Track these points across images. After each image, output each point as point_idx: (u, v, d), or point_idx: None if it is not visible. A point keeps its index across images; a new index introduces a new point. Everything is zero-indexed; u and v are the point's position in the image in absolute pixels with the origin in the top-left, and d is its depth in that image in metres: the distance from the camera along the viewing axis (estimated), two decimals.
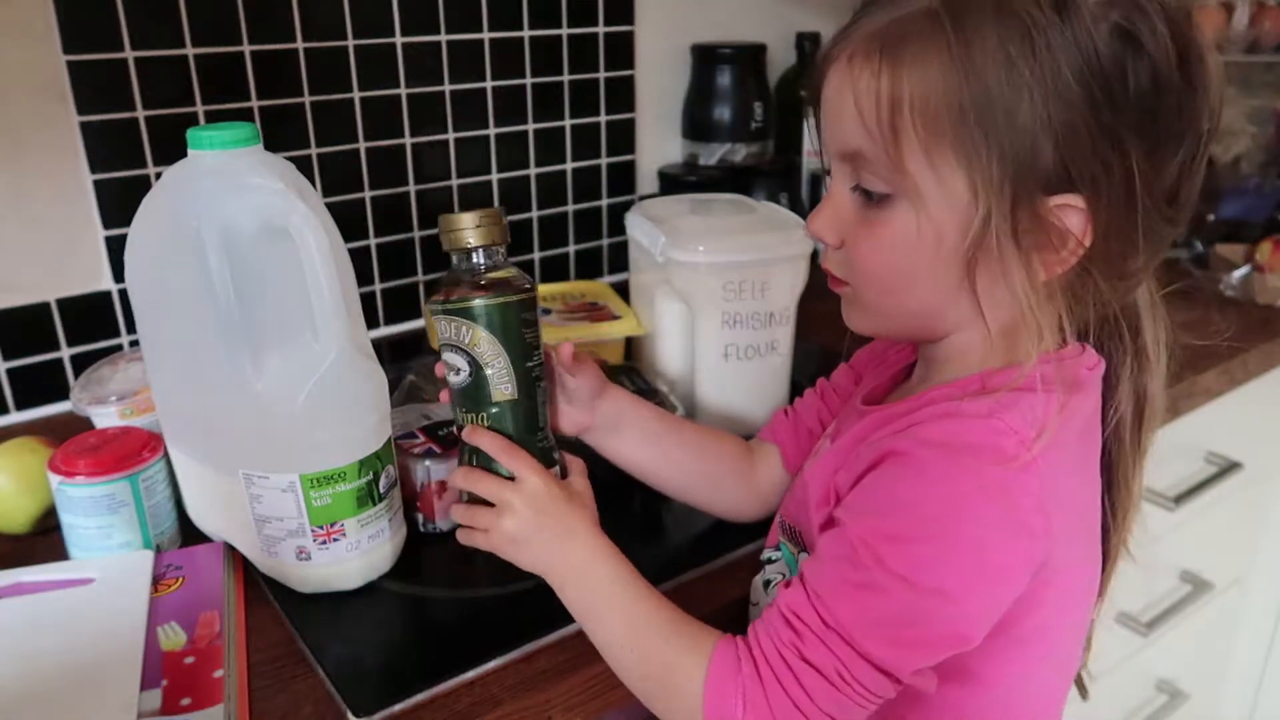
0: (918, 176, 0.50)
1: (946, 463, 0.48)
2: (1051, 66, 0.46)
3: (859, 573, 0.48)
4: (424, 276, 1.14)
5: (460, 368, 0.61)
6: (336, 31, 0.99)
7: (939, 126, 0.48)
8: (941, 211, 0.50)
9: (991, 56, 0.47)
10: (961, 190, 0.49)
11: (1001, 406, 0.49)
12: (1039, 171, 0.48)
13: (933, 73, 0.48)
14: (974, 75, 0.47)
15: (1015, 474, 0.48)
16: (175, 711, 0.55)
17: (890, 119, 0.49)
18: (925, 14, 0.49)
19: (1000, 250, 0.49)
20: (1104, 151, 0.48)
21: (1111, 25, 0.47)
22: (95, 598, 0.64)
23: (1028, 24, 0.46)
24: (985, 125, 0.47)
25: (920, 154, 0.49)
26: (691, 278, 0.84)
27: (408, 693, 0.58)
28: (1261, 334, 1.08)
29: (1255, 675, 1.46)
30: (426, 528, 0.74)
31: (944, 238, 0.50)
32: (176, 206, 0.60)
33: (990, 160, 0.48)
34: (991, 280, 0.51)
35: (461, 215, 0.59)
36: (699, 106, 1.27)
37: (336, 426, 0.62)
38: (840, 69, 0.52)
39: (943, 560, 0.48)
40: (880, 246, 0.53)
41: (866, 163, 0.51)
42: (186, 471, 0.70)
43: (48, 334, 0.93)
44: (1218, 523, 1.21)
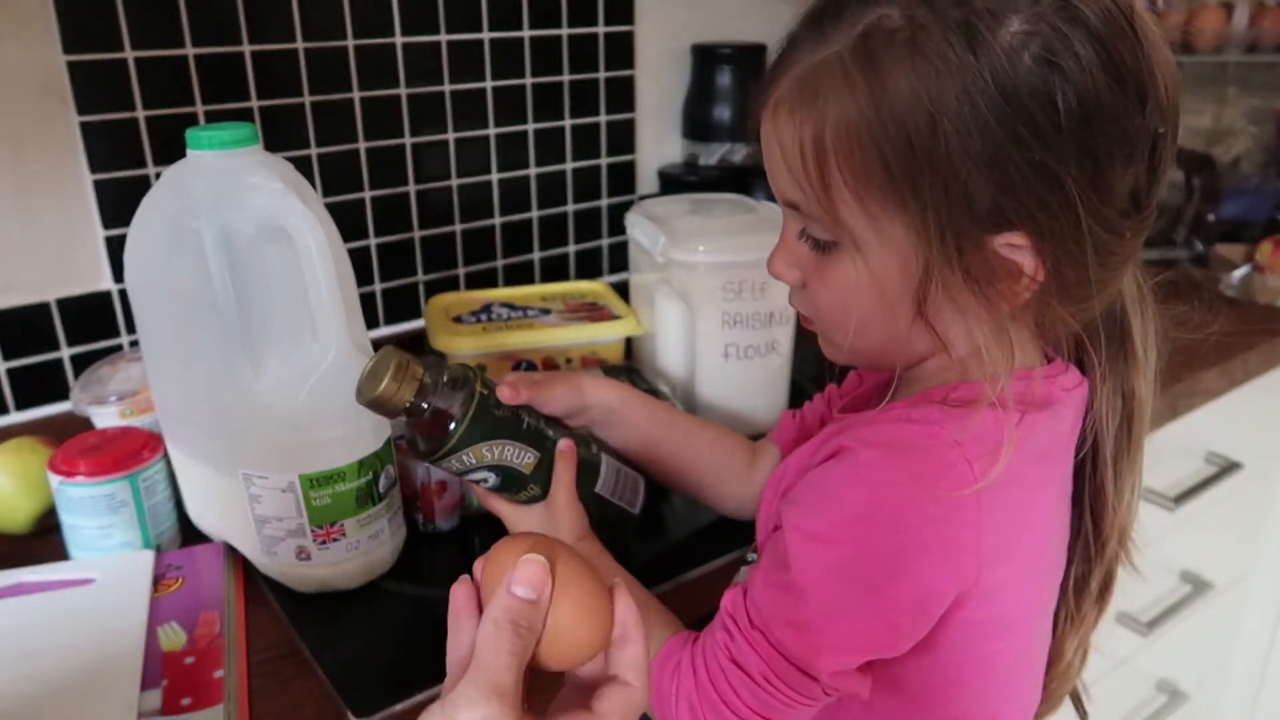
0: (854, 225, 0.48)
1: (882, 465, 0.48)
2: (970, 107, 0.44)
3: (780, 572, 0.49)
4: (424, 276, 1.14)
5: (486, 478, 0.63)
6: (336, 31, 0.99)
7: (867, 176, 0.47)
8: (883, 259, 0.49)
9: (907, 102, 0.45)
10: (900, 236, 0.48)
11: (949, 417, 0.49)
12: (976, 213, 0.46)
13: (852, 122, 0.46)
14: (892, 123, 0.45)
15: (951, 485, 0.47)
16: (175, 711, 0.55)
17: (818, 171, 0.48)
18: (839, 60, 0.47)
19: (950, 291, 0.48)
20: (1038, 189, 0.45)
21: (1032, 56, 0.44)
22: (95, 598, 0.64)
23: (940, 66, 0.44)
24: (911, 173, 0.46)
25: (854, 203, 0.48)
26: (691, 278, 0.84)
27: (408, 693, 0.58)
28: (1261, 334, 1.08)
29: (1255, 675, 1.46)
30: (426, 528, 0.74)
31: (889, 283, 0.49)
32: (176, 206, 0.60)
33: (923, 208, 0.46)
34: (949, 316, 0.50)
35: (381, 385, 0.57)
36: (699, 106, 1.27)
37: (336, 426, 0.62)
38: (768, 118, 0.51)
39: (858, 567, 0.47)
40: (832, 291, 0.52)
41: (805, 213, 0.51)
42: (186, 471, 0.70)
43: (48, 334, 0.93)
44: (1218, 523, 1.21)
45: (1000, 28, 0.44)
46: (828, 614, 0.48)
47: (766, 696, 0.49)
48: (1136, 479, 0.59)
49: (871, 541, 0.47)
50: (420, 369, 0.59)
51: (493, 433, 0.62)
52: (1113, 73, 0.45)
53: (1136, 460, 0.58)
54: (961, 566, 0.48)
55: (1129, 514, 0.59)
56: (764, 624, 0.49)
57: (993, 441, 0.48)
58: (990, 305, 0.48)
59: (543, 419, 0.66)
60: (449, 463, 0.62)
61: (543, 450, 0.64)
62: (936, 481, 0.47)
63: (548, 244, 1.23)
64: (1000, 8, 0.44)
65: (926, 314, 0.49)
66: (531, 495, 0.65)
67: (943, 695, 0.53)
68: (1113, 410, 0.55)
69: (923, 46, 0.44)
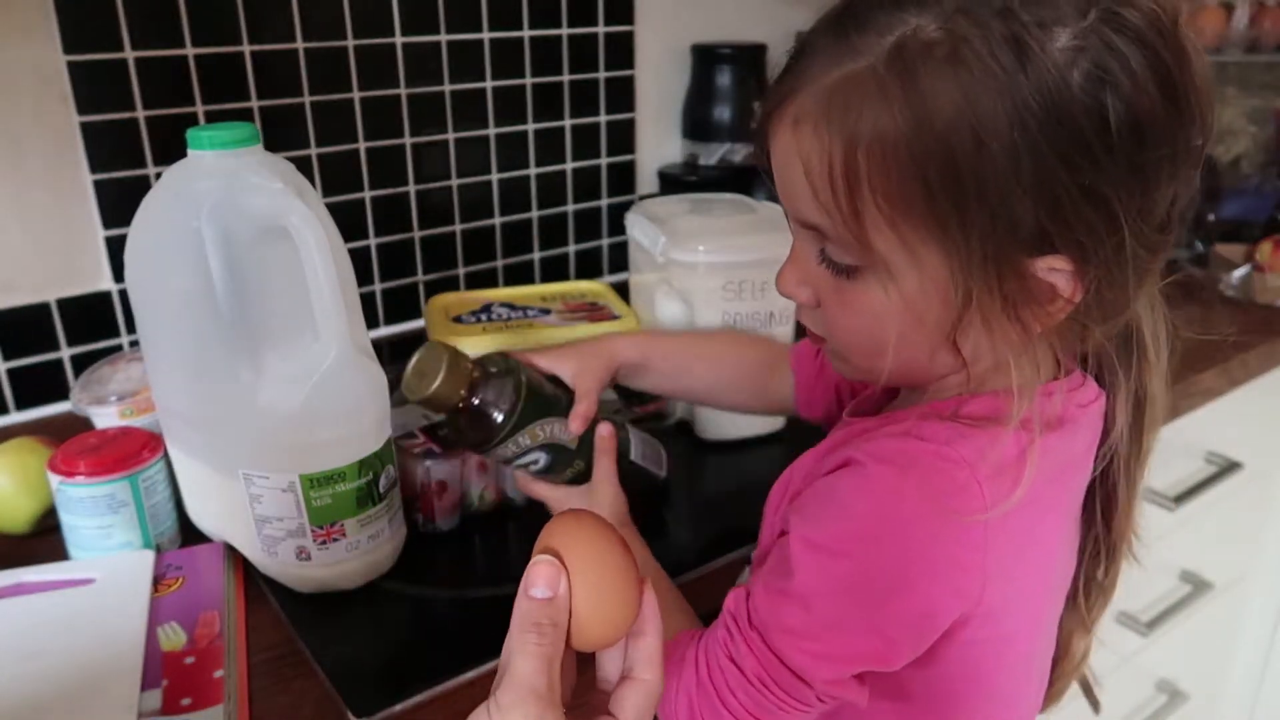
0: (887, 253, 0.45)
1: (890, 481, 0.47)
2: (1020, 128, 0.41)
3: (782, 579, 0.49)
4: (424, 277, 1.14)
5: (537, 459, 0.66)
6: (336, 31, 0.99)
7: (905, 201, 0.43)
8: (918, 287, 0.46)
9: (951, 120, 0.42)
10: (938, 264, 0.45)
11: (960, 435, 0.47)
12: (1019, 237, 0.44)
13: (890, 142, 0.43)
14: (935, 143, 0.42)
15: (959, 506, 0.46)
16: (175, 711, 0.55)
17: (849, 196, 0.44)
18: (872, 74, 0.43)
19: (986, 315, 0.46)
20: (1088, 215, 0.43)
21: (1083, 72, 0.41)
22: (95, 598, 0.64)
23: (987, 81, 0.41)
24: (955, 197, 0.43)
25: (887, 229, 0.45)
26: (691, 278, 0.84)
27: (408, 693, 0.58)
28: (1262, 334, 1.08)
29: (1255, 675, 1.46)
30: (426, 528, 0.74)
31: (924, 312, 0.47)
32: (176, 206, 0.60)
33: (966, 234, 0.43)
34: (978, 337, 0.48)
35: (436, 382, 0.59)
36: (699, 106, 1.27)
37: (336, 426, 0.62)
38: (785, 133, 0.47)
39: (860, 581, 0.47)
40: (854, 316, 0.49)
41: (828, 237, 0.47)
42: (186, 471, 0.70)
43: (48, 334, 0.93)
44: (1218, 523, 1.21)
45: (1049, 41, 0.41)
46: (826, 625, 0.48)
47: (760, 698, 0.49)
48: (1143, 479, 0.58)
49: (875, 557, 0.47)
50: (470, 362, 0.62)
51: (543, 411, 0.65)
52: (1165, 87, 0.42)
53: (1145, 462, 0.57)
54: (964, 588, 0.47)
55: (1137, 514, 0.59)
56: (762, 627, 0.49)
57: (1004, 462, 0.46)
58: (1023, 327, 0.46)
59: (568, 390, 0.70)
60: (504, 449, 0.64)
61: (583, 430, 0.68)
62: (945, 501, 0.46)
63: (548, 244, 1.23)
64: (1048, 19, 0.41)
65: (956, 339, 0.47)
66: (576, 471, 0.68)
67: (940, 706, 0.53)
68: (1126, 416, 0.54)
69: (967, 60, 0.41)
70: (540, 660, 0.39)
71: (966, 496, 0.46)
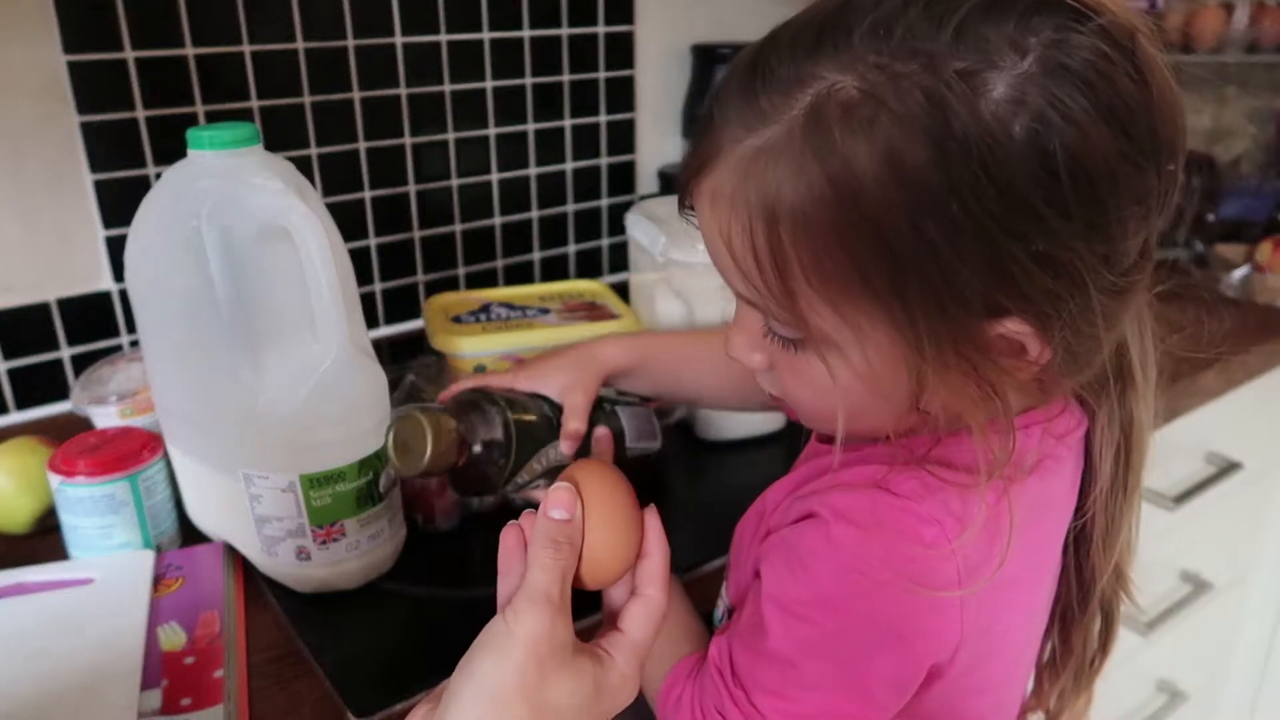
0: (830, 330, 0.42)
1: (853, 545, 0.44)
2: (958, 201, 0.37)
3: (757, 637, 0.48)
4: (424, 276, 1.14)
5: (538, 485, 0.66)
6: (336, 31, 0.99)
7: (839, 279, 0.40)
8: (867, 362, 0.43)
9: (876, 193, 0.37)
10: (887, 341, 0.41)
11: (929, 490, 0.44)
12: (970, 308, 0.40)
13: (812, 220, 0.39)
14: (861, 219, 0.38)
15: (928, 568, 0.43)
16: (175, 711, 0.55)
17: (778, 276, 0.41)
18: (787, 143, 0.39)
19: (948, 382, 0.42)
20: (1044, 283, 0.39)
21: (1024, 129, 0.36)
22: (95, 598, 0.64)
23: (915, 151, 0.36)
24: (890, 275, 0.39)
25: (826, 309, 0.41)
26: (691, 278, 0.84)
27: (408, 693, 0.58)
28: (1262, 334, 1.08)
29: (1255, 675, 1.46)
30: (426, 528, 0.74)
31: (877, 386, 0.44)
32: (176, 206, 0.60)
33: (909, 311, 0.39)
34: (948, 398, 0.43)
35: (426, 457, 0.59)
36: (699, 106, 1.27)
37: (336, 426, 0.62)
38: (705, 209, 0.43)
39: (831, 646, 0.46)
40: (806, 386, 0.46)
41: (766, 314, 0.44)
42: (186, 471, 0.70)
43: (48, 334, 0.93)
44: (1218, 523, 1.21)
45: (982, 95, 0.36)
46: (803, 686, 0.47)
47: None
48: (1135, 515, 0.54)
49: (844, 624, 0.45)
50: (451, 423, 0.61)
51: (537, 444, 0.65)
52: (1119, 127, 0.37)
53: (1135, 494, 0.53)
54: (940, 649, 0.46)
55: (1127, 552, 0.55)
56: (745, 684, 0.48)
57: (979, 517, 0.43)
58: (990, 388, 0.42)
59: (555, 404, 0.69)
60: (507, 488, 0.65)
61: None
62: (912, 568, 0.43)
63: (548, 244, 1.23)
64: (980, 68, 0.36)
65: (917, 403, 0.43)
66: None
67: None
68: (1109, 443, 0.50)
69: (887, 127, 0.37)
70: (556, 573, 0.42)
71: (934, 558, 0.43)
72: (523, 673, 0.40)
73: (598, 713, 0.43)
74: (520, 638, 0.41)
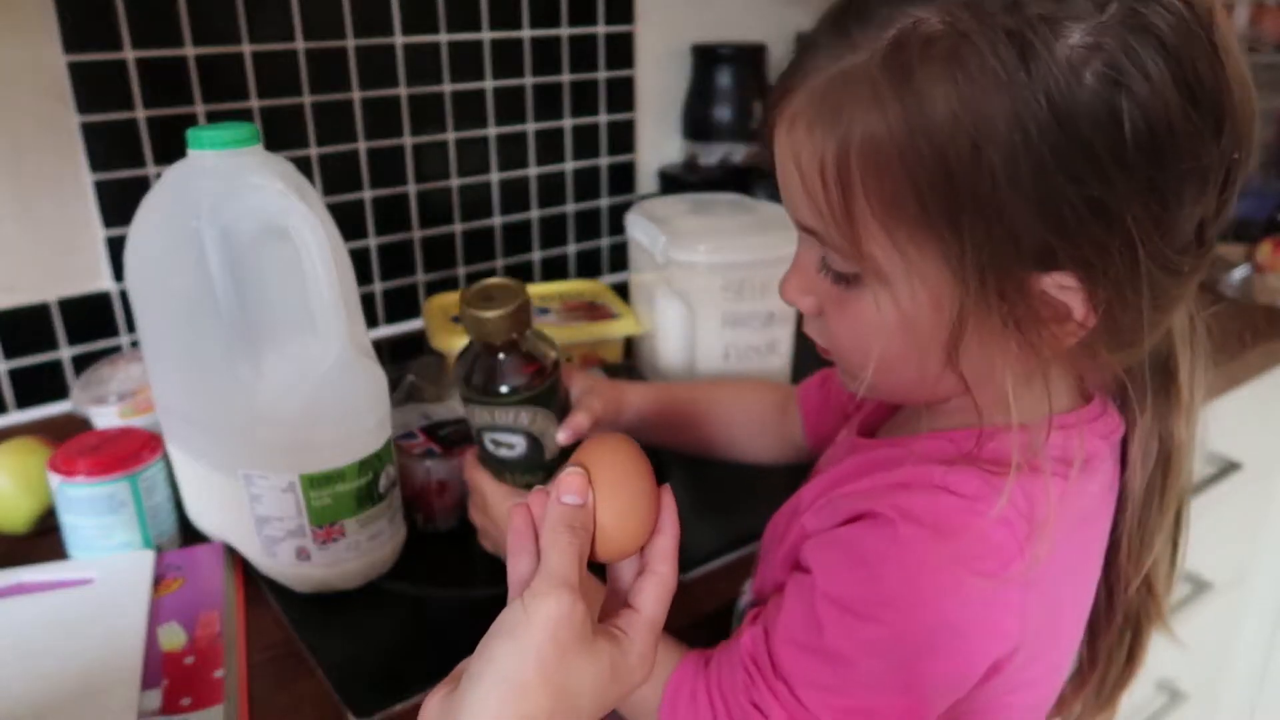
0: (880, 259, 0.43)
1: (921, 545, 0.45)
2: (1021, 134, 0.38)
3: (810, 634, 0.47)
4: (424, 276, 1.14)
5: (514, 444, 0.65)
6: (336, 31, 0.99)
7: (897, 205, 0.41)
8: (913, 298, 0.44)
9: (947, 125, 0.39)
10: (933, 273, 0.43)
11: (993, 490, 0.44)
12: (1023, 250, 0.41)
13: (882, 145, 0.40)
14: (928, 148, 0.39)
15: (996, 568, 0.44)
16: (175, 711, 0.55)
17: (841, 198, 0.42)
18: (866, 75, 0.41)
19: (987, 335, 0.43)
20: (1094, 230, 0.40)
21: (1095, 75, 0.38)
22: (95, 598, 0.64)
23: (987, 83, 0.38)
24: (950, 205, 0.40)
25: (883, 236, 0.42)
26: (691, 278, 0.84)
27: (408, 693, 0.58)
28: (1262, 334, 1.08)
29: (1255, 675, 1.46)
30: (426, 528, 0.74)
31: (919, 325, 0.44)
32: (176, 206, 0.60)
33: (962, 243, 0.41)
34: (981, 359, 0.45)
35: (488, 315, 0.60)
36: (699, 106, 1.27)
37: (336, 426, 0.62)
38: (782, 134, 0.45)
39: (894, 646, 0.45)
40: (853, 327, 0.47)
41: (824, 241, 0.45)
42: (186, 471, 0.70)
43: (48, 334, 0.93)
44: (1218, 523, 1.21)
45: (1058, 40, 0.38)
46: (858, 683, 0.46)
47: None
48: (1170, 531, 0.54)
49: (909, 624, 0.45)
50: (529, 319, 0.62)
51: (551, 404, 0.65)
52: (1187, 94, 0.39)
53: (1169, 509, 0.52)
54: (1001, 647, 0.46)
55: (1160, 571, 0.55)
56: (789, 679, 0.47)
57: (1039, 512, 0.44)
58: (1030, 350, 0.43)
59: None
60: (500, 413, 0.63)
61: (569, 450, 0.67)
62: (980, 566, 0.44)
63: (548, 244, 1.23)
64: (1059, 15, 0.38)
65: (955, 358, 0.44)
66: (528, 483, 0.66)
67: None
68: (1147, 454, 0.50)
69: (966, 59, 0.38)
70: (572, 556, 0.42)
71: (1003, 557, 0.44)
72: (542, 659, 0.40)
73: (616, 693, 0.43)
74: (539, 623, 0.41)
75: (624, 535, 0.45)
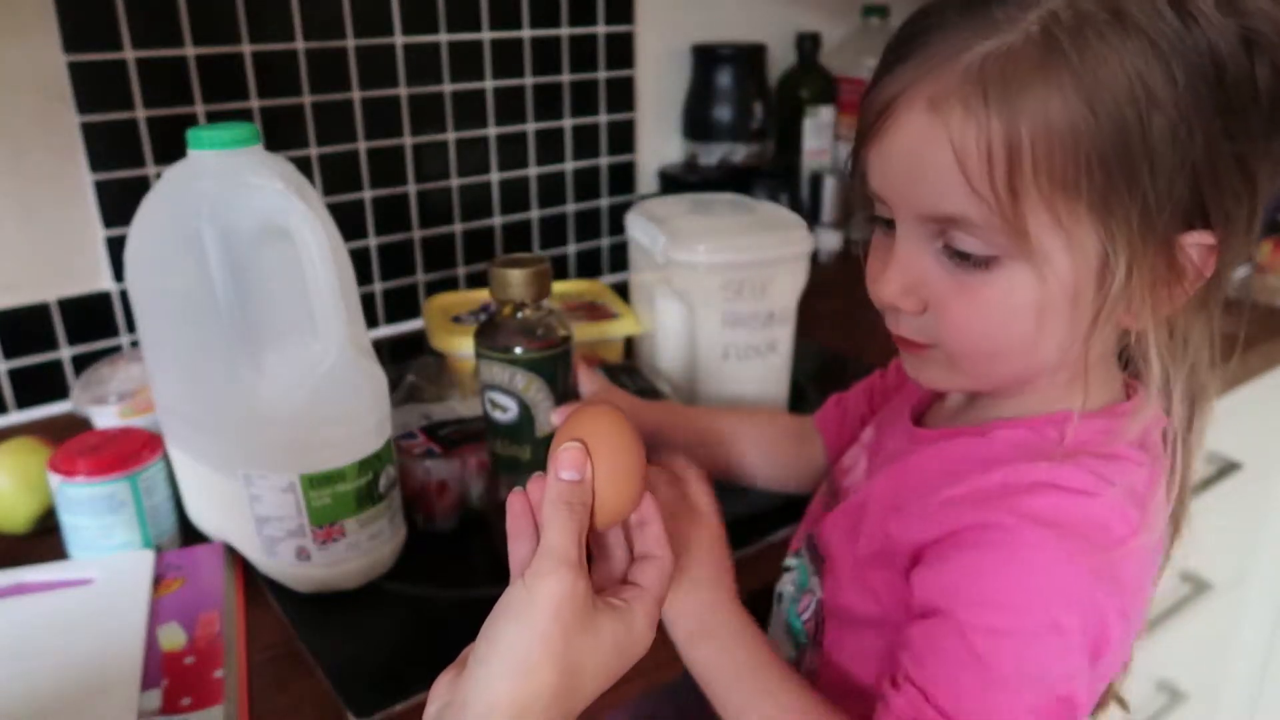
0: (1041, 238, 0.43)
1: (1056, 548, 0.44)
2: (1187, 91, 0.40)
3: (973, 670, 0.44)
4: (424, 276, 1.14)
5: (508, 407, 0.65)
6: (336, 31, 0.99)
7: (1068, 179, 0.41)
8: (1070, 272, 0.44)
9: (1121, 92, 0.40)
10: (1093, 246, 0.43)
11: (1105, 481, 0.45)
12: (1177, 211, 0.42)
13: (1058, 118, 0.41)
14: (1106, 114, 0.40)
15: (1120, 561, 0.44)
16: (175, 711, 0.55)
17: (1008, 177, 0.42)
18: (1029, 47, 0.41)
19: (1129, 300, 0.44)
20: (1236, 184, 0.42)
21: (1236, 34, 0.40)
22: (95, 598, 0.64)
23: (1154, 48, 0.39)
24: (1126, 172, 0.41)
25: (1043, 212, 0.42)
26: (691, 278, 0.84)
27: (408, 693, 0.58)
28: (1262, 334, 1.08)
29: (1255, 675, 1.46)
30: (426, 528, 0.74)
31: (1076, 297, 0.44)
32: (176, 206, 0.60)
33: (1131, 211, 0.41)
34: (1108, 335, 0.46)
35: (511, 272, 0.63)
36: (699, 106, 1.27)
37: (336, 426, 0.62)
38: (917, 118, 0.44)
39: (1062, 656, 0.44)
40: (984, 313, 0.46)
41: (969, 226, 0.44)
42: (186, 471, 0.70)
43: (48, 334, 0.93)
44: (1218, 523, 1.21)
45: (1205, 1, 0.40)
46: (1037, 710, 0.44)
47: None
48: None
49: (1063, 634, 0.44)
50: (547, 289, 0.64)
51: (550, 380, 0.65)
52: None
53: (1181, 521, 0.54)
54: (1126, 635, 0.46)
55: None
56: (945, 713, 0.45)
57: (1148, 497, 0.45)
58: (1158, 314, 0.44)
59: None
60: (501, 370, 0.64)
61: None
62: (1108, 559, 0.44)
63: (548, 244, 1.23)
64: None
65: (1096, 328, 0.44)
66: (513, 454, 0.67)
67: None
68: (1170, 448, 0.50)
69: (1130, 26, 0.40)
70: (571, 534, 0.43)
71: (1134, 552, 0.45)
72: (548, 639, 0.41)
73: (619, 666, 0.44)
74: (542, 602, 0.41)
75: (618, 502, 0.46)
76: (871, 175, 0.48)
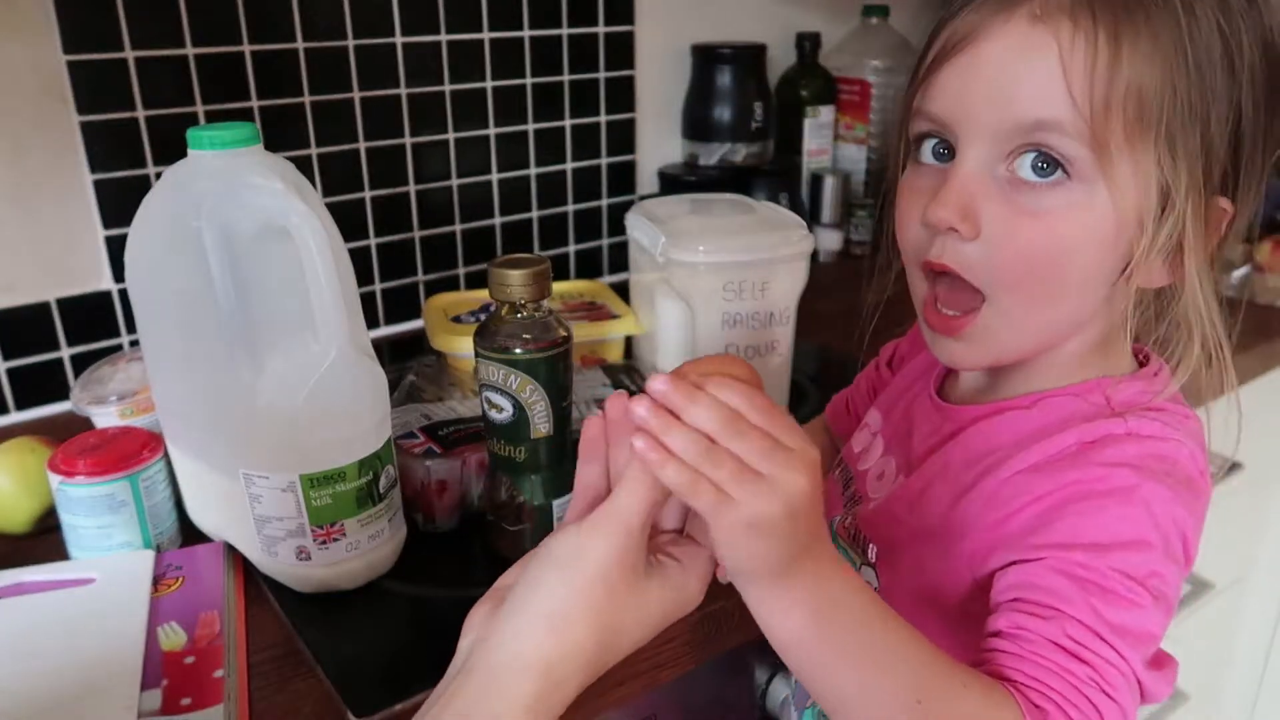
0: (1116, 162, 0.45)
1: (1157, 486, 0.46)
2: (1250, 61, 0.45)
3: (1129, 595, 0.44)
4: (424, 276, 1.14)
5: (504, 407, 0.65)
6: (336, 31, 0.99)
7: (1150, 115, 0.45)
8: (1130, 204, 0.46)
9: (1215, 41, 0.44)
10: (1152, 184, 0.46)
11: (1172, 429, 0.48)
12: (1218, 172, 0.47)
13: (1158, 57, 0.44)
14: (1195, 66, 0.44)
15: (1200, 494, 0.48)
16: (175, 711, 0.55)
17: (1105, 94, 0.44)
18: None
19: (1179, 240, 0.47)
20: (1258, 156, 0.47)
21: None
22: (95, 598, 0.64)
23: (1243, 18, 0.45)
24: (1197, 120, 0.45)
25: (1122, 139, 0.45)
26: (691, 278, 0.84)
27: (408, 693, 0.58)
28: (1261, 334, 1.08)
29: (1255, 675, 1.46)
30: (426, 528, 0.74)
31: (1123, 231, 0.47)
32: (176, 206, 0.60)
33: (1195, 158, 0.45)
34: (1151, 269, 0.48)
35: (511, 272, 0.63)
36: (699, 106, 1.27)
37: (336, 426, 0.62)
38: (1019, 26, 0.46)
39: (1179, 581, 0.47)
40: (1047, 233, 0.47)
41: (1060, 131, 0.45)
42: (186, 471, 0.70)
43: (48, 334, 0.93)
44: (1218, 523, 1.21)
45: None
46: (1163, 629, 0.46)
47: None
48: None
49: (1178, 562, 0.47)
50: (546, 290, 0.64)
51: (547, 381, 0.65)
52: None
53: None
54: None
55: None
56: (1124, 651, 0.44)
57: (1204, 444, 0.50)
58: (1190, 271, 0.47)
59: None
60: (495, 369, 0.64)
61: (555, 433, 0.67)
62: (1194, 492, 0.48)
63: (548, 244, 1.23)
64: None
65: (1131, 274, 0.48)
66: (509, 454, 0.66)
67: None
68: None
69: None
70: (643, 500, 0.40)
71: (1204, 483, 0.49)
72: (591, 597, 0.40)
73: (662, 625, 0.43)
74: (591, 559, 0.40)
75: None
76: (939, 98, 0.49)
